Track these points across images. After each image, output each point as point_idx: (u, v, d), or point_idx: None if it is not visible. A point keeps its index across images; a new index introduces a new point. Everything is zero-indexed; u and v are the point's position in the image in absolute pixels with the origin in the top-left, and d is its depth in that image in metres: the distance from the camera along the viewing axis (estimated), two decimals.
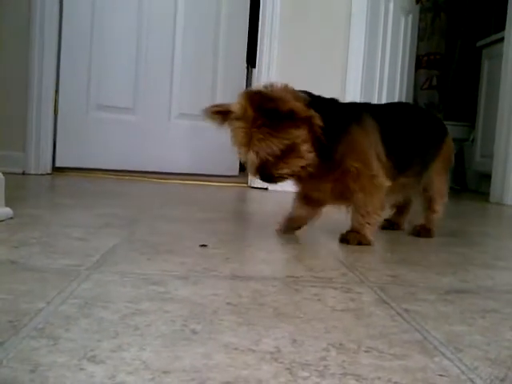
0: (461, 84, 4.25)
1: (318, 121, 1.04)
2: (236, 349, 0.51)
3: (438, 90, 4.34)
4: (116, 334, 0.53)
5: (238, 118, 1.04)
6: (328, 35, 2.53)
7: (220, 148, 3.15)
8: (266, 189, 2.51)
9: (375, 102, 2.75)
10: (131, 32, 2.93)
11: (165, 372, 0.45)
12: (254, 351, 0.50)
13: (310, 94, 1.11)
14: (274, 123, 1.01)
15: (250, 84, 3.07)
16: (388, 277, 0.86)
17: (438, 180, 1.35)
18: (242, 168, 3.06)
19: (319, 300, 0.69)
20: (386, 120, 1.19)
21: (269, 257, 0.96)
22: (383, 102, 2.83)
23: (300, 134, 1.04)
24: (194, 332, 0.55)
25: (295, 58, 2.53)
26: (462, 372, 0.49)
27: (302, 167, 1.07)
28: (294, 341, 0.54)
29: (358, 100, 2.51)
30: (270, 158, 1.03)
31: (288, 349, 0.51)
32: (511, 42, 2.68)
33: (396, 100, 3.00)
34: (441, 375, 0.48)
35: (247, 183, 2.66)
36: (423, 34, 4.24)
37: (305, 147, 1.05)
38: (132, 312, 0.60)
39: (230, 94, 3.14)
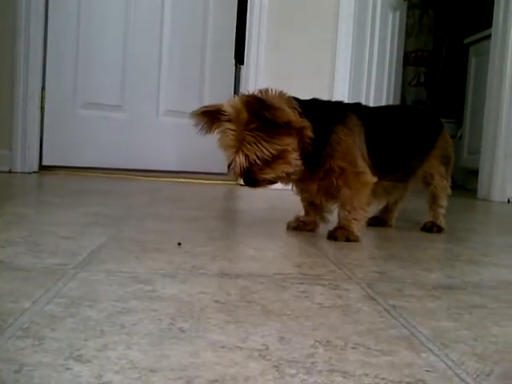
0: (448, 81, 4.28)
1: (309, 132, 1.07)
2: (223, 347, 0.51)
3: (426, 87, 4.36)
4: (102, 333, 0.52)
5: (229, 120, 1.05)
6: (316, 32, 2.54)
7: (208, 145, 3.14)
8: None
9: (363, 98, 2.75)
10: (118, 29, 2.91)
11: (152, 371, 0.44)
12: (241, 349, 0.50)
13: (299, 100, 1.13)
14: (268, 129, 1.03)
15: (239, 81, 3.06)
16: (375, 273, 0.86)
17: (439, 175, 1.39)
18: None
19: (307, 297, 0.69)
20: (372, 121, 1.21)
21: (257, 254, 0.96)
22: (371, 98, 2.84)
23: (291, 141, 1.06)
24: (181, 330, 0.54)
25: (283, 55, 2.53)
26: (449, 367, 0.49)
27: (287, 174, 1.10)
28: (282, 338, 0.54)
29: (346, 96, 2.52)
30: (258, 162, 1.05)
31: (275, 346, 0.51)
32: (498, 39, 2.70)
33: (384, 97, 3.01)
34: (428, 371, 0.48)
35: (236, 181, 2.66)
36: (411, 30, 4.26)
37: (293, 155, 1.08)
38: (119, 311, 0.60)
39: (218, 91, 3.15)
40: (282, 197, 2.11)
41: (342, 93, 2.52)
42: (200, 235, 1.12)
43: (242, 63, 2.75)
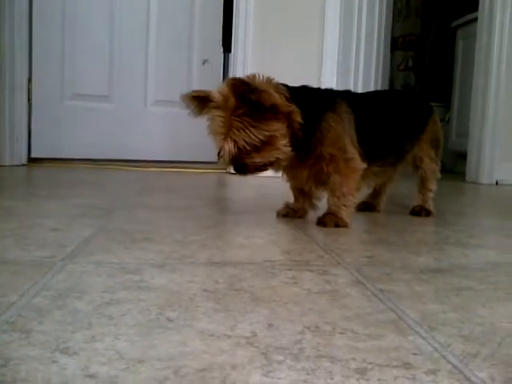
0: (436, 64, 4.27)
1: (297, 117, 1.07)
2: (212, 335, 0.51)
3: (414, 71, 4.36)
4: (90, 325, 0.52)
5: (217, 106, 1.05)
6: (303, 17, 2.52)
7: (198, 134, 3.13)
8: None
9: (351, 84, 2.75)
10: (104, 19, 2.88)
11: (139, 361, 0.44)
12: (229, 337, 0.50)
13: (288, 87, 1.12)
14: (256, 114, 1.02)
15: (227, 69, 3.04)
16: (364, 258, 0.86)
17: (428, 159, 1.40)
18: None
19: (295, 283, 0.70)
20: (361, 108, 1.21)
21: (246, 242, 0.96)
22: (359, 83, 2.83)
23: (279, 127, 1.06)
24: (169, 320, 0.54)
25: (271, 43, 2.52)
26: (436, 350, 0.49)
27: (277, 159, 1.09)
28: (270, 325, 0.54)
29: (334, 81, 2.51)
30: (248, 148, 1.04)
31: (264, 333, 0.51)
32: (484, 21, 2.70)
33: (372, 82, 3.01)
34: (415, 354, 0.48)
35: (226, 169, 2.65)
36: (398, 15, 4.24)
37: (282, 141, 1.07)
38: (107, 302, 0.59)
39: (206, 80, 3.12)
40: (271, 185, 2.11)
41: (330, 78, 2.51)
42: (189, 224, 1.12)
43: (230, 51, 2.73)
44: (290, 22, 2.52)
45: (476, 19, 2.88)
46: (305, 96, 1.14)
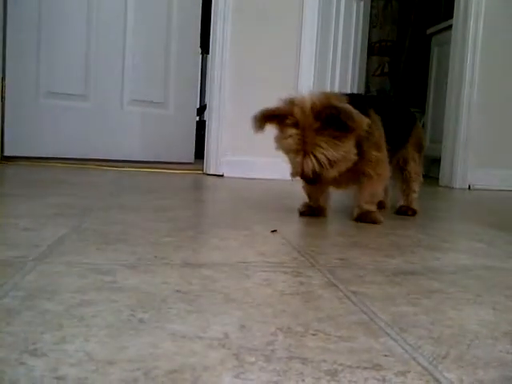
0: (412, 70, 4.34)
1: (366, 127, 1.14)
2: (184, 337, 0.50)
3: (390, 77, 4.42)
4: (60, 326, 0.51)
5: (296, 125, 1.12)
6: (281, 21, 2.53)
7: (175, 135, 3.12)
8: (222, 175, 2.51)
9: (328, 88, 2.77)
10: (81, 17, 2.84)
11: (109, 363, 0.44)
12: (201, 338, 0.50)
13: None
14: (337, 133, 1.11)
15: (205, 70, 3.03)
16: (338, 260, 0.87)
17: (413, 163, 1.51)
18: (198, 155, 3.03)
19: (269, 285, 0.70)
20: (382, 114, 1.30)
21: (222, 244, 0.96)
22: (336, 88, 2.86)
23: (353, 142, 1.16)
24: (141, 321, 0.54)
25: (248, 44, 2.52)
26: (406, 351, 0.50)
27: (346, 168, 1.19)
28: (243, 326, 0.54)
29: (310, 85, 2.53)
30: (327, 164, 1.12)
31: (236, 335, 0.51)
32: (459, 29, 2.75)
33: (348, 86, 3.04)
34: (385, 355, 0.49)
35: (202, 170, 2.65)
36: (375, 21, 4.29)
37: (354, 153, 1.17)
38: (78, 303, 0.59)
39: (184, 81, 3.11)
40: (249, 186, 2.11)
41: (307, 82, 2.52)
42: (164, 226, 1.11)
43: (208, 52, 2.72)
44: (268, 24, 2.53)
45: (450, 27, 2.93)
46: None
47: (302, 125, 1.12)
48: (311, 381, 0.42)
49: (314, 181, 1.17)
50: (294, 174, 1.19)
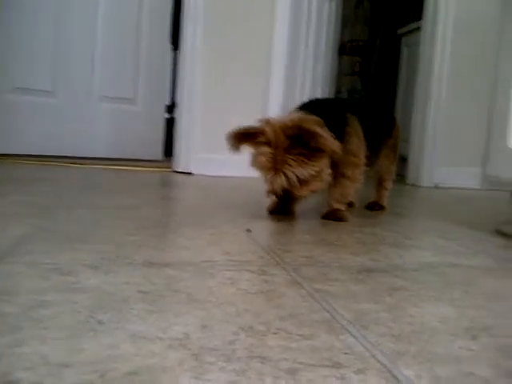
0: (382, 70, 4.39)
1: (340, 150, 1.17)
2: (143, 337, 0.50)
3: (361, 77, 4.46)
4: (18, 329, 0.50)
5: (267, 143, 1.15)
6: (252, 20, 2.52)
7: (144, 132, 3.08)
8: (190, 173, 2.49)
9: (298, 88, 2.78)
10: (49, 11, 2.79)
11: (65, 365, 0.43)
12: (161, 339, 0.49)
13: (309, 107, 1.27)
14: (307, 153, 1.14)
15: (176, 67, 3.01)
16: (303, 258, 0.87)
17: (388, 162, 1.58)
18: (167, 153, 3.01)
19: (233, 283, 0.69)
20: (361, 117, 1.34)
21: (187, 243, 0.95)
22: (307, 88, 2.87)
23: (326, 161, 1.19)
24: (100, 323, 0.53)
25: (219, 41, 2.51)
26: (366, 349, 0.50)
27: (320, 188, 1.22)
28: (204, 326, 0.53)
29: (281, 85, 2.53)
30: (296, 182, 1.15)
31: (197, 335, 0.51)
32: (428, 31, 2.79)
33: (319, 86, 3.05)
34: (346, 353, 0.49)
35: (171, 167, 2.62)
36: (347, 20, 4.33)
37: (327, 172, 1.20)
38: (37, 304, 0.57)
39: (154, 77, 3.08)
40: (218, 184, 2.11)
41: (277, 81, 2.53)
42: (130, 224, 1.10)
43: (178, 48, 2.70)
44: (239, 23, 2.52)
45: (420, 28, 2.97)
46: (323, 113, 1.22)
47: (273, 143, 1.15)
48: (270, 380, 0.42)
49: (285, 199, 1.21)
50: (267, 192, 1.22)
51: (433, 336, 0.55)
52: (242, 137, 1.20)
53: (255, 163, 1.20)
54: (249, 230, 1.09)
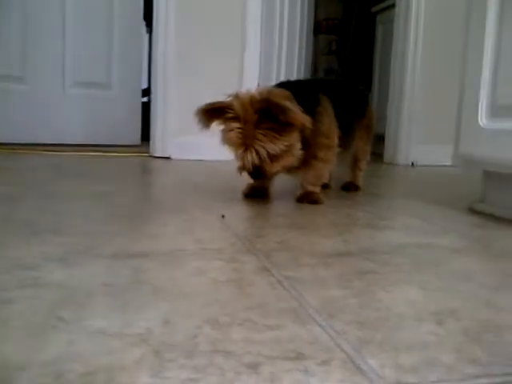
0: (358, 48, 4.37)
1: (310, 124, 1.14)
2: (104, 334, 0.48)
3: (337, 55, 4.44)
4: None
5: (236, 118, 1.13)
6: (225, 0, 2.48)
7: (120, 117, 3.03)
8: (169, 158, 2.47)
9: (274, 67, 2.75)
10: None
11: (19, 367, 0.41)
12: (123, 335, 0.48)
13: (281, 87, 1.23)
14: (278, 128, 1.12)
15: (150, 48, 2.95)
16: (275, 243, 0.86)
17: (362, 142, 1.56)
18: (144, 137, 2.97)
19: (202, 273, 0.68)
20: (333, 98, 1.32)
21: (159, 231, 0.94)
22: (283, 67, 2.85)
23: (296, 136, 1.16)
24: (61, 320, 0.51)
25: (193, 19, 2.46)
26: (331, 338, 0.50)
27: (292, 163, 1.20)
28: (167, 321, 0.52)
29: (257, 64, 2.51)
30: (267, 157, 1.13)
31: (159, 330, 0.50)
32: (402, 8, 2.77)
33: (295, 66, 3.03)
34: (311, 343, 0.49)
35: (149, 152, 2.59)
36: None
37: (298, 147, 1.18)
38: None
39: (128, 60, 3.02)
40: (195, 168, 2.09)
41: (253, 61, 2.50)
42: (101, 213, 1.08)
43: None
44: (212, 1, 2.48)
45: (394, 5, 2.95)
46: (295, 93, 1.20)
47: (242, 118, 1.12)
48: (232, 375, 0.42)
49: (257, 175, 1.19)
50: (238, 169, 1.20)
51: (399, 322, 0.55)
52: (211, 113, 1.17)
53: (225, 139, 1.18)
54: (223, 216, 1.08)
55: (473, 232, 1.06)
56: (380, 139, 3.16)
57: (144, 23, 3.31)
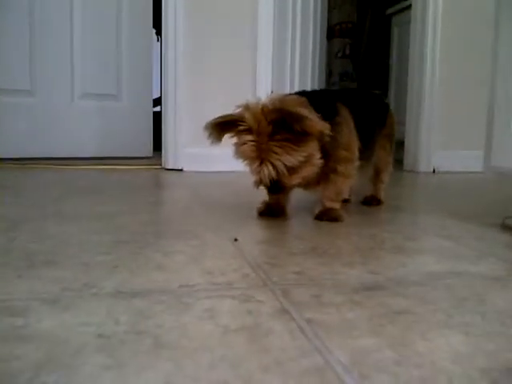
0: (373, 52, 4.27)
1: (329, 131, 1.07)
2: None
3: (351, 59, 4.34)
4: None
5: (249, 131, 1.05)
6: (236, 3, 2.41)
7: (131, 128, 2.97)
8: (181, 170, 2.40)
9: (288, 72, 2.68)
10: (23, 7, 2.67)
11: None
12: None
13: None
14: (293, 137, 1.04)
15: (161, 57, 2.89)
16: (293, 274, 0.78)
17: (384, 153, 1.47)
18: (157, 148, 2.90)
19: (211, 317, 0.60)
20: (352, 107, 1.24)
21: (164, 261, 0.85)
22: (296, 72, 2.77)
23: (315, 146, 1.08)
24: None
25: (203, 27, 2.39)
26: None
27: (311, 174, 1.12)
28: None
29: (270, 70, 2.43)
30: (285, 171, 1.05)
31: None
32: (418, 9, 2.68)
33: (309, 70, 2.94)
34: None
35: (161, 164, 2.52)
36: (334, 3, 4.20)
37: (317, 157, 1.10)
38: None
39: (138, 70, 2.96)
40: (208, 181, 2.01)
41: (265, 69, 2.42)
42: (103, 239, 1.00)
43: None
44: (222, 6, 2.41)
45: (410, 6, 2.86)
46: (311, 102, 1.12)
47: (255, 130, 1.04)
48: None
49: (275, 189, 1.10)
50: (255, 183, 1.12)
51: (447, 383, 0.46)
52: (222, 126, 1.10)
53: (238, 153, 1.10)
54: (235, 240, 0.99)
55: (510, 255, 0.96)
56: (399, 145, 3.06)
57: (154, 31, 3.26)
